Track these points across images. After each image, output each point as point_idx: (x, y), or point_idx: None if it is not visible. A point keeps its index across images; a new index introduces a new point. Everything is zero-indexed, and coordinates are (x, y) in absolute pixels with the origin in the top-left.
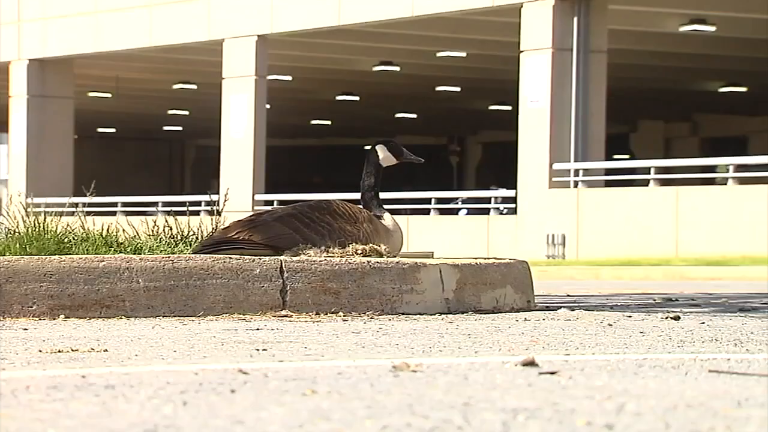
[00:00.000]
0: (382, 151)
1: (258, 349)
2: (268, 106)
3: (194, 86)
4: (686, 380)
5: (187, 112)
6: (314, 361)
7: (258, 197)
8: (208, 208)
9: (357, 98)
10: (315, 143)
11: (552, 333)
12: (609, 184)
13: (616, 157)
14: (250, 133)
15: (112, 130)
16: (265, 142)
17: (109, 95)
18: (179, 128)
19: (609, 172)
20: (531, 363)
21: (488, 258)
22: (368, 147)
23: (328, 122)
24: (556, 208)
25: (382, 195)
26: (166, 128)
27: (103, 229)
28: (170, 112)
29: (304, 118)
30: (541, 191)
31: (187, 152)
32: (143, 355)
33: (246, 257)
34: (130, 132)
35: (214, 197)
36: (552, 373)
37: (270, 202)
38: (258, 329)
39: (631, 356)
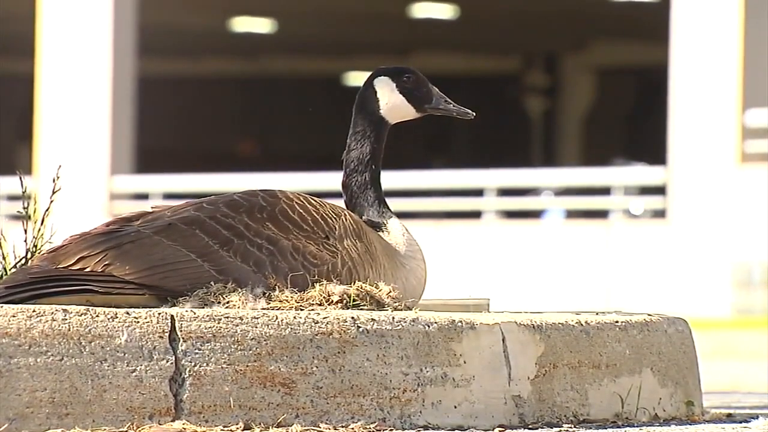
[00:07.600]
0: (386, 90)
1: None
2: None
3: None
4: None
5: None
6: None
7: (121, 183)
8: (16, 206)
9: None
10: (242, 71)
11: None
12: None
13: None
14: (102, 49)
15: None
16: (134, 66)
17: None
18: None
19: None
20: None
21: (604, 312)
22: (357, 81)
23: (267, 25)
24: (753, 207)
25: (387, 182)
26: None
27: None
28: None
29: (217, 15)
30: (721, 171)
31: None
32: None
33: (99, 310)
34: None
35: (28, 182)
36: None
37: (144, 196)
38: None
39: None
